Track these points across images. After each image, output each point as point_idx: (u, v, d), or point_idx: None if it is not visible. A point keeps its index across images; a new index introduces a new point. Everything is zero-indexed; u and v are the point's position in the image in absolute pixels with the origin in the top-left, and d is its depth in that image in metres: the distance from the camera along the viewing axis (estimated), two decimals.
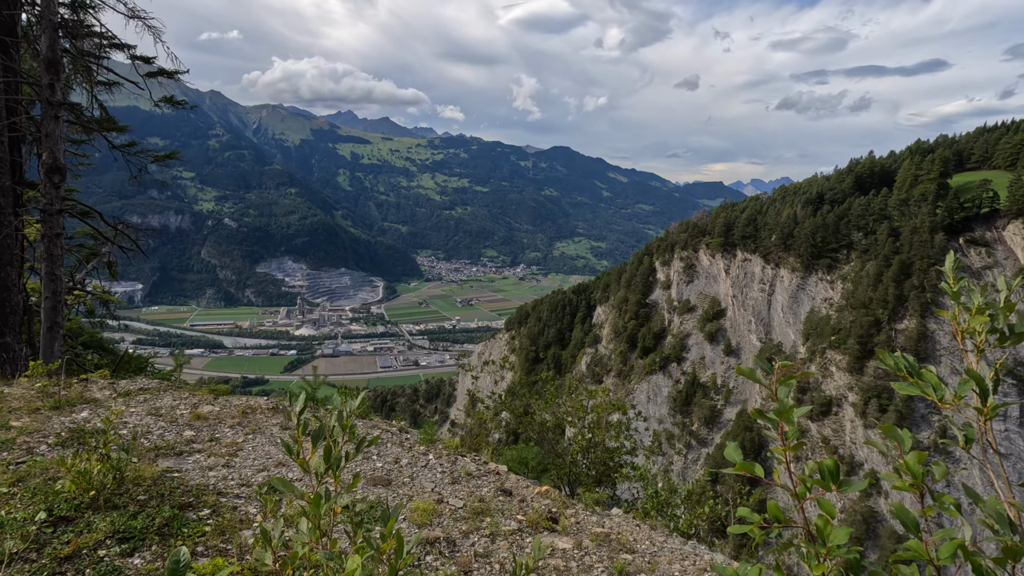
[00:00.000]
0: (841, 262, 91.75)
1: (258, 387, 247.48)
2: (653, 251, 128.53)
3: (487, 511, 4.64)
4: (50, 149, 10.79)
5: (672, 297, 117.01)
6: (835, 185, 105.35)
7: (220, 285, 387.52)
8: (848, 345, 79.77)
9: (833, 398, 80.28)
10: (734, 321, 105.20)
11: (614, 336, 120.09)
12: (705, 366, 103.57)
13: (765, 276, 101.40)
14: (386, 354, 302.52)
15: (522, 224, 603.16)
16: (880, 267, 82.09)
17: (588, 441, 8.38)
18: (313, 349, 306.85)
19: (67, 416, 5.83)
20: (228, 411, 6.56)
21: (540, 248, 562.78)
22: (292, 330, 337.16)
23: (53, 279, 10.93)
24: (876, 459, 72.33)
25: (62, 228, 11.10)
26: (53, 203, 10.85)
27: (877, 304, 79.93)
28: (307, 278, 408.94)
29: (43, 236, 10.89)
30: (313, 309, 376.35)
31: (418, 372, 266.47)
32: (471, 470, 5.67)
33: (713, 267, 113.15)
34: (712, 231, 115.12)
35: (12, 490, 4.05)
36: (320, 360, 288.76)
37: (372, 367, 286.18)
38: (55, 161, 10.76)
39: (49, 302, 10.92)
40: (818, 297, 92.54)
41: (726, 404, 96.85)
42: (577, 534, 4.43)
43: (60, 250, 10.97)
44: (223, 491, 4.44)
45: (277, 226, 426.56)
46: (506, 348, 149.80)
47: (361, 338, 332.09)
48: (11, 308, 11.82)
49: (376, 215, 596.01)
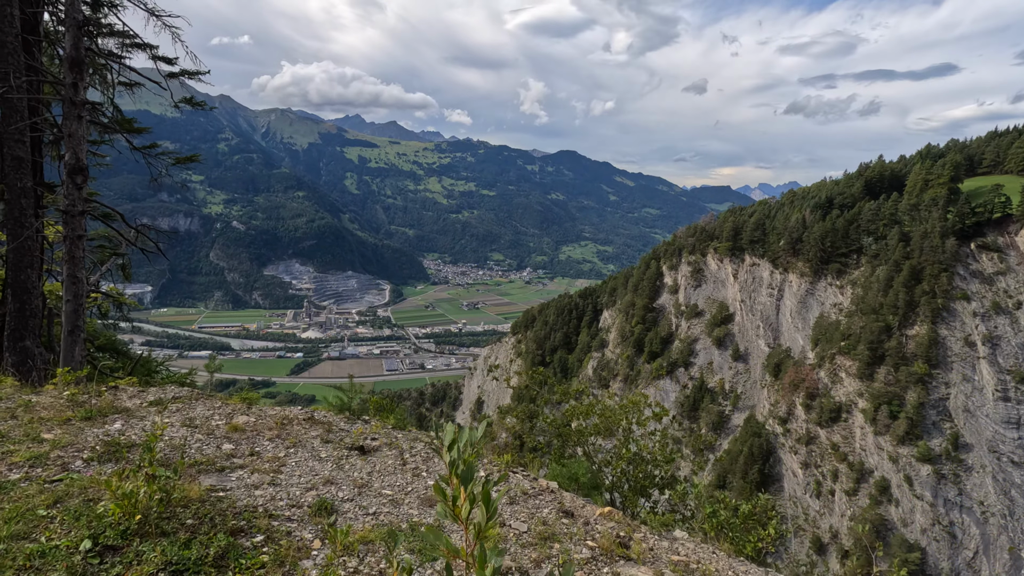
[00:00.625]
0: (851, 267, 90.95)
1: (265, 389, 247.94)
2: (660, 255, 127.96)
3: (553, 536, 4.32)
4: (73, 149, 10.59)
5: (680, 301, 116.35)
6: (844, 189, 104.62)
7: (228, 287, 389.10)
8: (858, 351, 78.96)
9: (843, 404, 79.45)
10: (742, 326, 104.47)
11: (621, 340, 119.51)
12: (713, 371, 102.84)
13: (774, 281, 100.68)
14: (392, 357, 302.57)
15: (528, 228, 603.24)
16: (890, 272, 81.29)
17: (633, 454, 8.01)
18: (319, 352, 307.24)
19: (100, 428, 5.55)
20: (264, 422, 6.27)
21: (546, 252, 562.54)
22: (299, 332, 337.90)
23: (75, 282, 10.72)
24: (887, 466, 71.41)
25: (84, 230, 10.91)
26: (76, 204, 10.67)
27: (887, 310, 79.11)
28: (314, 281, 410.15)
29: (65, 238, 10.70)
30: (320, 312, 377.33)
31: (424, 375, 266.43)
32: (526, 488, 5.34)
33: (721, 272, 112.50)
34: (720, 235, 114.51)
35: (51, 512, 3.77)
36: (326, 363, 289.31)
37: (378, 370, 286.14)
38: (78, 162, 10.54)
39: (71, 305, 10.71)
40: (827, 302, 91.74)
41: (734, 410, 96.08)
42: (654, 563, 4.09)
43: (82, 253, 10.80)
44: (273, 513, 4.15)
45: (285, 229, 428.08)
46: (512, 352, 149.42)
47: (367, 341, 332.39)
48: (31, 311, 11.67)
49: (383, 218, 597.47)
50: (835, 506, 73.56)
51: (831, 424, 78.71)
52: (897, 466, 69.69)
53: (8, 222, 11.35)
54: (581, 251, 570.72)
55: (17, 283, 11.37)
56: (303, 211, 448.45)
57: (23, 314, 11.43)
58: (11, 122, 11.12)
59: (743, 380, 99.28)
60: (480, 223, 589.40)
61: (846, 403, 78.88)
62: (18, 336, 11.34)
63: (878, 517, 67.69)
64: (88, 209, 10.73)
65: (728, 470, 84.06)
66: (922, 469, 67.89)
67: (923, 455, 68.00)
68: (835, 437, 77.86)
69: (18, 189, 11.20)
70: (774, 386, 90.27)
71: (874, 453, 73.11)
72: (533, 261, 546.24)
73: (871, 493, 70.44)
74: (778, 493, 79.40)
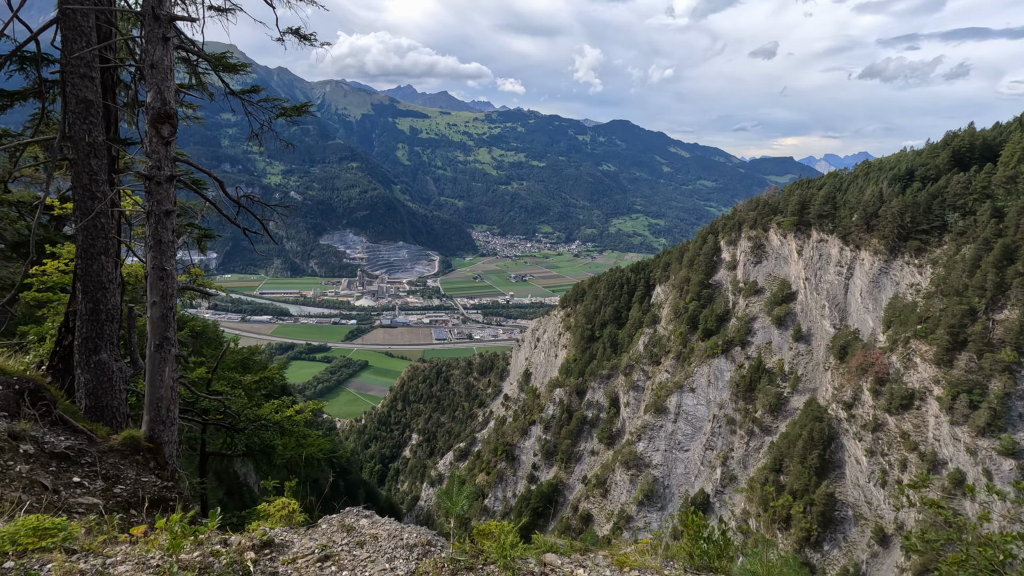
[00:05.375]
0: (932, 245, 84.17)
1: (321, 353, 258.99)
2: (719, 229, 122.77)
3: None
4: (157, 87, 7.30)
5: (738, 278, 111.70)
6: (928, 160, 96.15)
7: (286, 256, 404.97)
8: (937, 335, 73.52)
9: (916, 391, 74.61)
10: (805, 305, 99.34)
11: (674, 316, 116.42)
12: (771, 351, 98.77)
13: (843, 258, 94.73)
14: (441, 327, 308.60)
15: (578, 200, 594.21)
16: (979, 251, 74.64)
17: None
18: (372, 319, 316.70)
19: None
20: None
21: (596, 224, 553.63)
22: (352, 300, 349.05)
23: (162, 277, 7.68)
24: (963, 458, 66.92)
25: (174, 203, 7.78)
26: (162, 166, 7.50)
27: (973, 291, 72.95)
28: (367, 250, 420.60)
29: (148, 214, 7.55)
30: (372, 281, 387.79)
31: (472, 345, 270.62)
32: None
33: (784, 248, 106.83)
34: (784, 210, 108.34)
35: None
36: (378, 330, 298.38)
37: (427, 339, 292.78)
38: (164, 104, 7.33)
39: (158, 309, 7.75)
40: (903, 282, 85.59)
41: (793, 392, 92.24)
42: None
43: (172, 235, 7.73)
44: None
45: (339, 200, 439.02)
46: (561, 325, 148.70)
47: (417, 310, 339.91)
48: (108, 313, 8.94)
49: (433, 189, 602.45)
50: (902, 497, 69.92)
51: (901, 411, 74.25)
52: (975, 459, 65.17)
53: (76, 191, 8.68)
54: (632, 224, 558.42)
55: (89, 274, 8.69)
56: (356, 182, 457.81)
57: (97, 317, 8.78)
58: (75, 47, 8.24)
59: (804, 362, 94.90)
60: (529, 195, 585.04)
61: (919, 390, 74.03)
62: (92, 347, 8.73)
63: (950, 511, 63.81)
64: (178, 174, 7.74)
65: (785, 454, 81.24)
66: (1004, 463, 63.21)
67: (1006, 448, 63.17)
68: (905, 425, 73.47)
69: (86, 145, 8.49)
70: (839, 369, 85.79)
71: (949, 444, 68.60)
72: (582, 234, 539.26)
73: (944, 485, 66.37)
74: (839, 480, 76.17)
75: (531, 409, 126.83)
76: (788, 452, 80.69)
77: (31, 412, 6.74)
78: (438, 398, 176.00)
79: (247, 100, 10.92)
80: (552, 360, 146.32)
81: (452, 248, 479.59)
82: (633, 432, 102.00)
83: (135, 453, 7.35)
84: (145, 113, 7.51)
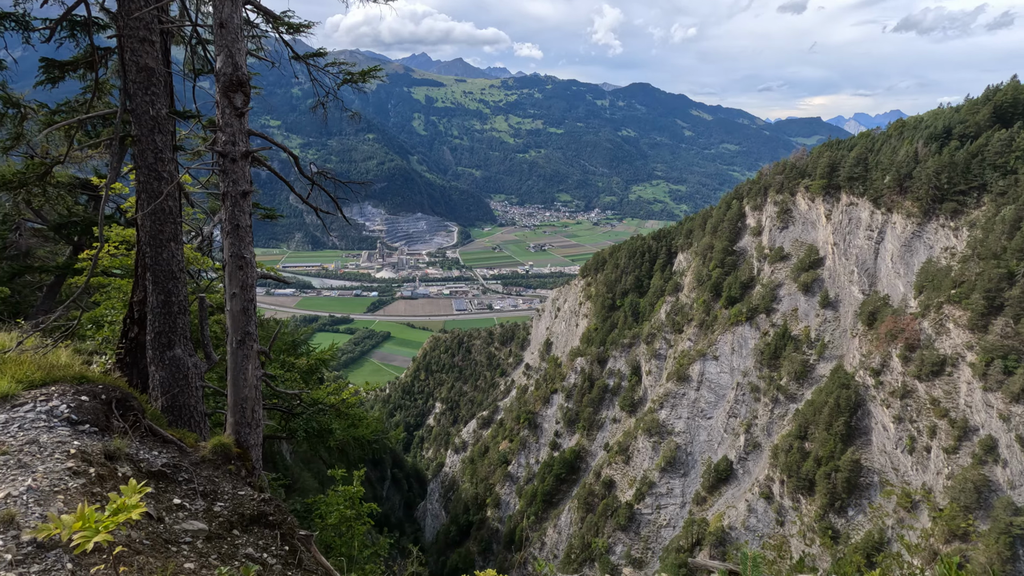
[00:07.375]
0: (969, 207, 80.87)
1: (344, 325, 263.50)
2: (744, 194, 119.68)
3: None
4: (227, 48, 6.45)
5: (763, 244, 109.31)
6: (967, 117, 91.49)
7: (307, 229, 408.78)
8: (972, 300, 71.33)
9: (948, 357, 72.95)
10: (833, 271, 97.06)
11: (697, 284, 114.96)
12: (798, 318, 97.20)
13: (874, 222, 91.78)
14: (461, 298, 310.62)
15: (597, 167, 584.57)
16: (1019, 212, 71.58)
17: None
18: (393, 291, 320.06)
19: None
20: None
21: (616, 192, 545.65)
22: (373, 272, 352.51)
23: (242, 265, 6.95)
24: (995, 425, 65.69)
25: (250, 183, 6.97)
26: (237, 141, 6.65)
27: (1012, 254, 70.26)
28: (386, 222, 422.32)
29: (224, 195, 6.74)
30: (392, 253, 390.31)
31: (492, 316, 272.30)
32: None
33: (812, 212, 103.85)
34: (813, 172, 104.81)
35: None
36: (399, 302, 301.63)
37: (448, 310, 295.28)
38: (236, 70, 6.48)
39: (238, 301, 7.07)
40: (937, 246, 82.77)
41: (819, 359, 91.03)
42: None
43: (249, 218, 6.94)
44: None
45: (357, 172, 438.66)
46: (581, 295, 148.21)
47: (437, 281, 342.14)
48: (179, 305, 8.18)
49: (450, 159, 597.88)
50: (930, 463, 69.13)
51: (932, 378, 72.83)
52: (1009, 425, 63.90)
53: (140, 171, 7.84)
54: (652, 191, 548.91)
55: (159, 263, 7.93)
56: (374, 153, 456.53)
57: (169, 310, 8.04)
58: (133, 6, 7.37)
59: (831, 328, 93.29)
60: (547, 162, 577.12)
61: (952, 356, 72.36)
62: (166, 342, 8.06)
63: (981, 478, 63.06)
64: (253, 150, 6.90)
65: (810, 421, 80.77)
66: None
67: None
68: (936, 392, 72.17)
69: (150, 119, 7.63)
70: (867, 335, 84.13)
71: (981, 410, 67.31)
72: (601, 202, 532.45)
73: (974, 452, 65.43)
74: (865, 447, 75.65)
75: (552, 378, 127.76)
76: (813, 419, 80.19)
77: (121, 425, 6.22)
78: (460, 368, 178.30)
79: (313, 64, 10.02)
80: (573, 330, 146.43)
81: (470, 218, 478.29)
82: (655, 400, 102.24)
83: (227, 462, 6.81)
84: (217, 79, 6.57)
